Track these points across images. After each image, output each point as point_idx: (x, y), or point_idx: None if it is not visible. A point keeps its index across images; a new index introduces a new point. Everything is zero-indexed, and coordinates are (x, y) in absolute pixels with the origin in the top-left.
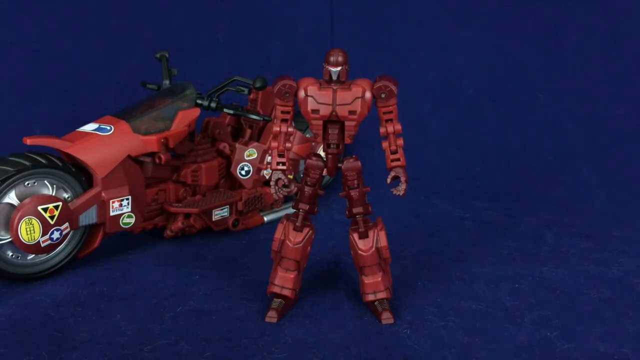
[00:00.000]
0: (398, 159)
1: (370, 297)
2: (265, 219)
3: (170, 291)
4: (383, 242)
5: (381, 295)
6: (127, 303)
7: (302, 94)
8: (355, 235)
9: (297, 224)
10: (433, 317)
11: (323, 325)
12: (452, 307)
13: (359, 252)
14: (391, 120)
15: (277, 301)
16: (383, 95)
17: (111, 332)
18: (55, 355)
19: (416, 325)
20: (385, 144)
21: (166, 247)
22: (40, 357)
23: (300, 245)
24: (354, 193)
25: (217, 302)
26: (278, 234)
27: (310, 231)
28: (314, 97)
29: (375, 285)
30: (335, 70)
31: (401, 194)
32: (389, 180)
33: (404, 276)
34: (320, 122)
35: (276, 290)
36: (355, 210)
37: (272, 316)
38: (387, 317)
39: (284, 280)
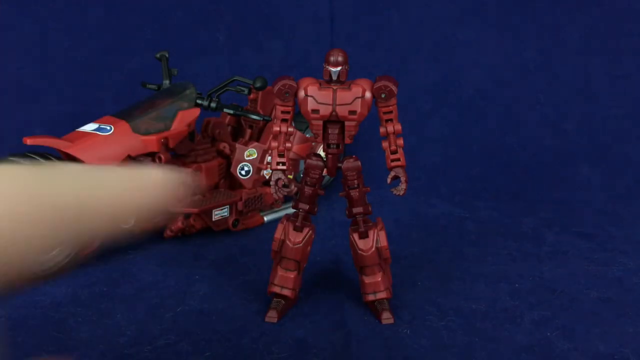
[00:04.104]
0: (398, 159)
1: (370, 297)
2: (265, 219)
3: (170, 291)
4: (383, 242)
5: (381, 295)
6: (127, 303)
7: (302, 94)
8: (356, 235)
9: (297, 224)
10: (433, 317)
11: (323, 325)
12: (452, 307)
13: (359, 252)
14: (391, 120)
15: (277, 301)
16: (383, 96)
17: (111, 332)
18: (55, 355)
19: (416, 325)
20: (385, 144)
21: (166, 247)
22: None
23: (300, 245)
24: (354, 193)
25: (217, 302)
26: (278, 234)
27: (310, 231)
28: (314, 97)
29: (375, 285)
30: (335, 70)
31: (401, 193)
32: (389, 180)
33: (404, 276)
34: (320, 122)
35: (276, 290)
36: (355, 210)
37: (272, 316)
38: (387, 317)
39: (284, 280)
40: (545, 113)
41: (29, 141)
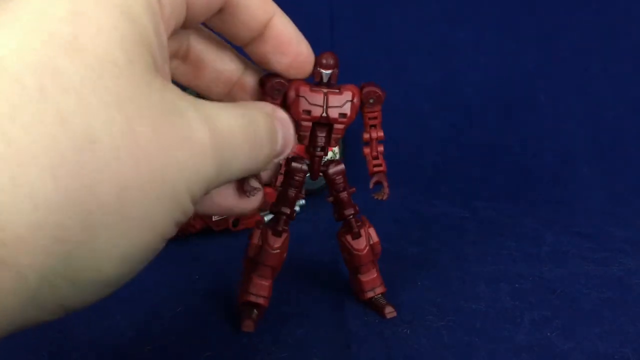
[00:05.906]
0: (380, 165)
1: (370, 294)
2: (266, 219)
3: (170, 291)
4: (375, 238)
5: (379, 290)
6: (127, 303)
7: (292, 94)
8: (349, 237)
9: (278, 228)
10: (433, 317)
11: (323, 325)
12: (452, 307)
13: (355, 252)
14: (375, 126)
15: (250, 309)
16: (371, 101)
17: (111, 332)
18: (55, 355)
19: (416, 325)
20: (367, 150)
21: (166, 247)
22: (40, 357)
23: (279, 251)
24: (343, 195)
25: (217, 302)
26: (255, 239)
27: (287, 236)
28: (306, 98)
29: (373, 282)
30: (326, 72)
31: (384, 197)
32: (371, 185)
33: (404, 276)
34: (310, 124)
35: (252, 299)
36: (346, 212)
37: (248, 325)
38: (390, 311)
39: (259, 288)
40: (545, 113)
41: None
